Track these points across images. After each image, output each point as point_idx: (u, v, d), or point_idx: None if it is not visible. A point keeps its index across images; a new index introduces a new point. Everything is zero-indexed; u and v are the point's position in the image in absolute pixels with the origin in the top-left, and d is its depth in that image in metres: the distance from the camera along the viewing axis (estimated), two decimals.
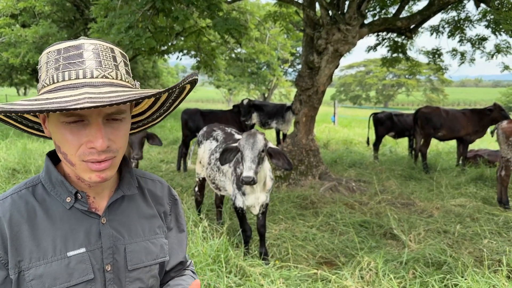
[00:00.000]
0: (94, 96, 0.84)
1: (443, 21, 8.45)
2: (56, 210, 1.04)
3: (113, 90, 0.90)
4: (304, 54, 7.37)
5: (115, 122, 0.98)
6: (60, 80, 0.92)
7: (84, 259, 1.03)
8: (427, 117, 8.42)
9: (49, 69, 0.94)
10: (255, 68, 24.73)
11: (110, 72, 0.95)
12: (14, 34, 10.81)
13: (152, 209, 1.22)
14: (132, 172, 1.19)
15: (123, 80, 0.99)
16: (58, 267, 1.00)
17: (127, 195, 1.16)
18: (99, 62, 0.94)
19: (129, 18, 6.42)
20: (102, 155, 0.96)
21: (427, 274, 3.64)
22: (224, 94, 36.10)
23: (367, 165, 8.85)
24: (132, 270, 1.11)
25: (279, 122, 10.45)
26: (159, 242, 1.20)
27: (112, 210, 1.11)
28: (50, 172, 1.07)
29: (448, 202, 5.99)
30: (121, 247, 1.10)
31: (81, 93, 0.86)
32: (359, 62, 51.39)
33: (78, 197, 1.05)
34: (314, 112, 7.37)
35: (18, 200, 1.03)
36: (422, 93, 45.69)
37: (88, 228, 1.05)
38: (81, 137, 0.94)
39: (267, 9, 13.13)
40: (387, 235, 4.80)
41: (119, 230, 1.11)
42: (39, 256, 0.99)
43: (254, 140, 3.54)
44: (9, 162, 7.33)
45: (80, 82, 0.91)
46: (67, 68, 0.92)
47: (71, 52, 0.93)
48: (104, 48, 0.97)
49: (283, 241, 4.51)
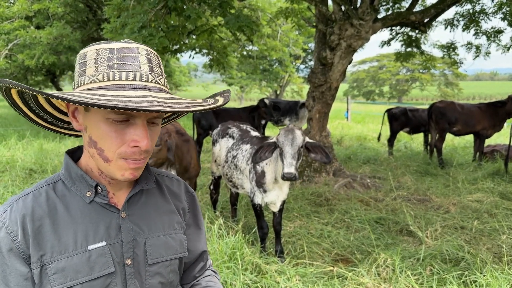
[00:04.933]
0: (160, 100, 0.89)
1: (458, 14, 8.31)
2: (76, 205, 1.06)
3: (168, 96, 0.95)
4: (316, 50, 7.33)
5: (153, 125, 1.03)
6: (117, 78, 0.94)
7: (104, 253, 1.04)
8: (442, 111, 8.30)
9: (99, 65, 0.95)
10: (267, 65, 24.67)
11: (160, 79, 1.00)
12: (29, 36, 10.94)
13: (170, 205, 1.23)
14: (149, 167, 1.21)
15: (166, 86, 1.04)
16: (79, 261, 1.01)
17: (146, 190, 1.17)
18: (151, 68, 0.98)
19: (142, 18, 6.45)
20: (142, 154, 1.00)
21: (444, 271, 3.60)
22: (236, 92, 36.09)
23: (381, 161, 8.78)
24: (152, 264, 1.12)
25: (292, 119, 10.42)
26: (178, 237, 1.21)
27: (131, 204, 1.13)
28: (70, 168, 1.09)
29: (465, 197, 5.91)
30: (141, 241, 1.11)
31: (143, 95, 0.91)
32: (372, 57, 50.93)
33: (98, 190, 1.07)
34: (327, 108, 7.33)
35: (39, 196, 1.05)
36: (436, 88, 45.08)
37: (108, 222, 1.07)
38: (125, 136, 0.98)
39: (279, 6, 13.09)
40: (403, 231, 4.76)
41: (139, 224, 1.12)
42: (60, 250, 1.01)
43: (293, 136, 3.53)
44: (26, 163, 7.44)
45: (138, 84, 0.95)
46: (123, 68, 0.94)
47: (125, 54, 0.96)
48: (153, 55, 1.01)
49: (298, 238, 4.50)
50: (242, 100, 38.51)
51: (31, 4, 10.85)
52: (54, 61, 11.41)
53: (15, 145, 9.36)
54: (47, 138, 10.57)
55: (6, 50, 11.36)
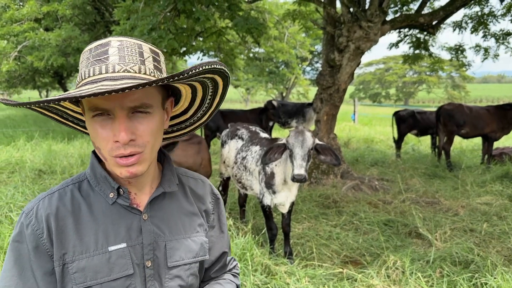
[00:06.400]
0: (104, 87, 0.86)
1: (466, 16, 8.30)
2: (99, 205, 1.07)
3: (131, 82, 0.89)
4: (324, 53, 7.33)
5: (141, 115, 0.98)
6: (87, 76, 0.95)
7: (124, 254, 1.05)
8: (450, 114, 8.27)
9: (82, 67, 0.98)
10: (274, 67, 24.68)
11: (133, 67, 0.96)
12: (38, 38, 11.03)
13: (193, 207, 1.22)
14: (173, 169, 1.21)
15: (148, 74, 0.98)
16: (99, 261, 1.02)
17: (169, 192, 1.17)
18: (123, 57, 0.96)
19: (151, 20, 6.50)
20: (127, 149, 0.97)
21: (454, 273, 3.59)
22: (242, 94, 36.10)
23: (389, 164, 8.76)
24: (172, 267, 1.12)
25: (299, 121, 10.42)
26: (200, 240, 1.20)
27: (153, 206, 1.13)
28: (95, 168, 1.10)
29: (474, 200, 5.88)
30: (162, 244, 1.11)
31: (98, 86, 0.89)
32: (379, 60, 50.79)
33: (120, 193, 1.07)
34: (335, 110, 7.33)
35: (64, 195, 1.07)
36: (443, 90, 44.86)
37: (129, 224, 1.07)
38: (109, 131, 0.97)
39: (286, 8, 13.12)
40: (412, 234, 4.74)
41: (160, 227, 1.12)
42: (81, 250, 1.03)
43: (303, 138, 3.54)
44: (35, 164, 7.50)
45: (102, 76, 0.94)
46: (93, 65, 0.95)
47: (99, 50, 0.97)
48: (130, 44, 0.98)
49: (307, 240, 4.50)
50: (248, 102, 38.53)
51: (40, 6, 10.95)
52: (62, 63, 11.48)
53: (24, 146, 9.44)
54: (55, 139, 10.65)
55: (15, 52, 11.47)
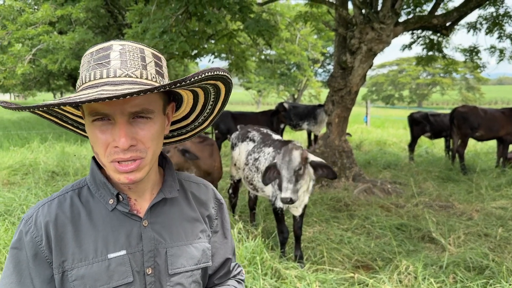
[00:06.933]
0: (106, 92, 0.85)
1: (481, 17, 8.18)
2: (98, 212, 1.05)
3: (132, 87, 0.88)
4: (336, 54, 7.29)
5: (142, 120, 0.97)
6: (87, 80, 0.94)
7: (124, 262, 1.03)
8: (464, 116, 8.15)
9: (82, 71, 0.97)
10: (285, 69, 24.64)
11: (134, 71, 0.95)
12: (52, 41, 11.15)
13: (195, 213, 1.20)
14: (175, 175, 1.19)
15: (150, 79, 0.97)
16: (98, 269, 1.01)
17: (170, 198, 1.14)
18: (125, 62, 0.94)
19: (163, 23, 6.52)
20: (127, 154, 0.95)
21: (468, 279, 3.52)
22: (253, 96, 36.11)
23: (402, 167, 8.65)
24: (173, 275, 1.10)
25: (310, 123, 10.37)
26: (202, 246, 1.17)
27: (154, 212, 1.10)
28: (95, 174, 1.09)
29: (489, 204, 5.78)
30: (162, 251, 1.09)
31: (98, 90, 0.88)
32: (392, 61, 50.37)
33: (120, 199, 1.06)
34: (347, 113, 7.28)
35: (64, 202, 1.06)
36: (458, 92, 44.35)
37: (129, 231, 1.06)
38: (108, 136, 0.95)
39: (297, 10, 13.09)
40: (425, 238, 4.67)
41: (161, 233, 1.10)
42: (81, 257, 1.01)
43: (289, 158, 3.46)
44: (48, 165, 7.58)
45: (103, 81, 0.92)
46: (94, 68, 0.94)
47: (100, 54, 0.95)
48: (132, 49, 0.97)
49: (317, 244, 4.46)
50: (260, 104, 38.50)
51: (55, 10, 11.07)
52: (76, 65, 11.60)
53: (38, 148, 9.55)
54: (68, 141, 10.76)
55: (30, 55, 11.61)
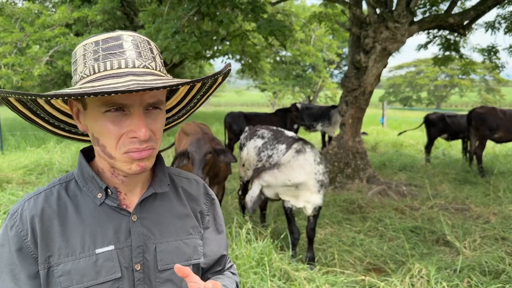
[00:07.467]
0: (142, 83, 0.85)
1: (499, 16, 7.98)
2: (86, 206, 1.03)
3: (156, 78, 0.91)
4: (350, 54, 7.20)
5: (154, 111, 0.98)
6: (102, 70, 0.92)
7: (112, 257, 1.01)
8: (482, 117, 7.96)
9: (87, 60, 0.94)
10: (300, 71, 24.55)
11: (150, 63, 0.96)
12: (68, 43, 11.30)
13: (186, 209, 1.17)
14: (165, 170, 1.16)
15: (161, 71, 0.99)
16: (85, 264, 0.99)
17: (160, 193, 1.12)
18: (139, 53, 0.95)
19: (175, 24, 6.54)
20: (143, 144, 0.95)
21: (483, 283, 3.41)
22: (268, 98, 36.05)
23: (418, 169, 8.50)
24: (163, 271, 1.07)
25: (324, 124, 10.28)
26: (193, 243, 1.15)
27: (143, 207, 1.08)
28: (83, 168, 1.06)
29: (507, 207, 5.61)
30: (152, 246, 1.06)
31: (126, 80, 0.87)
32: (409, 63, 49.67)
33: (108, 193, 1.03)
34: (361, 113, 7.18)
35: (50, 196, 1.03)
36: (477, 94, 43.52)
37: (117, 226, 1.03)
38: (123, 127, 0.94)
39: (312, 11, 13.01)
40: (439, 241, 4.56)
41: (150, 229, 1.07)
42: (67, 252, 0.99)
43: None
44: (63, 165, 7.68)
45: (124, 71, 0.91)
46: (108, 58, 0.92)
47: (110, 43, 0.93)
48: (141, 40, 0.98)
49: (329, 246, 4.39)
50: (275, 106, 38.45)
51: (71, 12, 11.23)
52: None
53: (54, 148, 9.69)
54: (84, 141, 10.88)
55: (47, 57, 11.77)
